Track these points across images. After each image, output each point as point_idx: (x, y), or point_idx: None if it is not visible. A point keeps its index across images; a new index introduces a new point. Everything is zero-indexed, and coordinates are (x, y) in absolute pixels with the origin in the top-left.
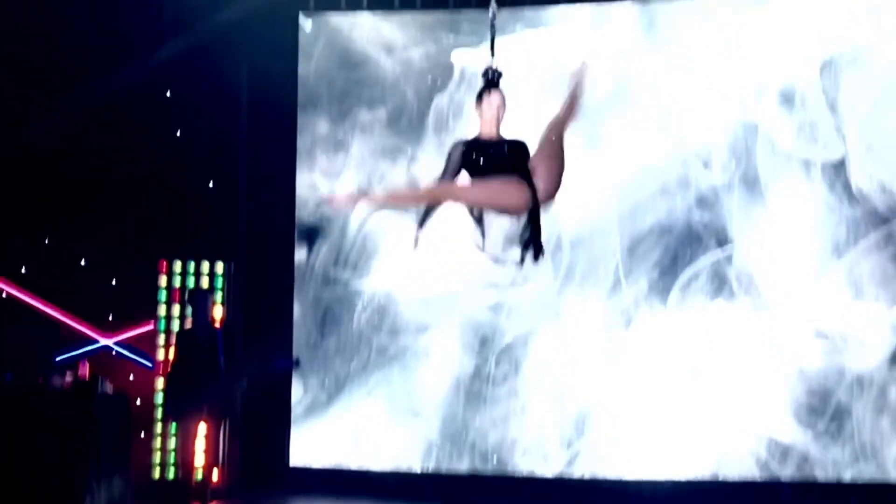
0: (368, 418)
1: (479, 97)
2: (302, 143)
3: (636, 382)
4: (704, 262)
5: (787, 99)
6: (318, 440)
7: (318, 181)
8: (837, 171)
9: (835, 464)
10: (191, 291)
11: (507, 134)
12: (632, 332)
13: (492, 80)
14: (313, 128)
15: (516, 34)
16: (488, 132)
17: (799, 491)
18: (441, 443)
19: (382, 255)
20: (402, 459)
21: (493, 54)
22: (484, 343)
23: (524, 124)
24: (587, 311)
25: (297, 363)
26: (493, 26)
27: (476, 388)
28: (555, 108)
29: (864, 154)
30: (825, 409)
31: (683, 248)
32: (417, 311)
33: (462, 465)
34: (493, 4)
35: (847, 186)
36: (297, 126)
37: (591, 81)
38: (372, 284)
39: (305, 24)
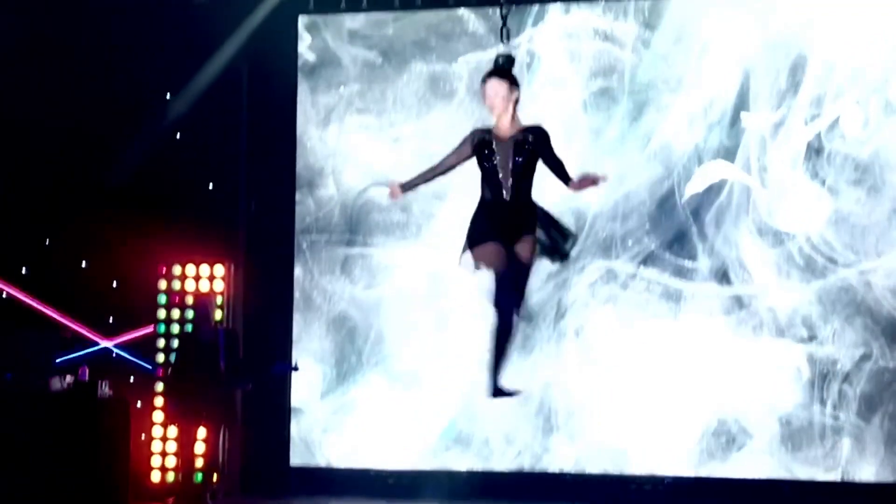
0: (371, 416)
1: (483, 82)
2: (302, 142)
3: (636, 377)
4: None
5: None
6: (318, 438)
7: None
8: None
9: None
10: (195, 296)
11: (526, 122)
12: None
13: (499, 67)
14: (313, 126)
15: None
16: (499, 125)
17: (798, 491)
18: (442, 440)
19: (381, 234)
20: (404, 458)
21: (506, 40)
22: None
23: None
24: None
25: (296, 368)
26: (503, 9)
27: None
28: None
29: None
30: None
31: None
32: (421, 291)
33: (463, 464)
34: None
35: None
36: (296, 126)
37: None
38: (374, 261)
39: (305, 24)
